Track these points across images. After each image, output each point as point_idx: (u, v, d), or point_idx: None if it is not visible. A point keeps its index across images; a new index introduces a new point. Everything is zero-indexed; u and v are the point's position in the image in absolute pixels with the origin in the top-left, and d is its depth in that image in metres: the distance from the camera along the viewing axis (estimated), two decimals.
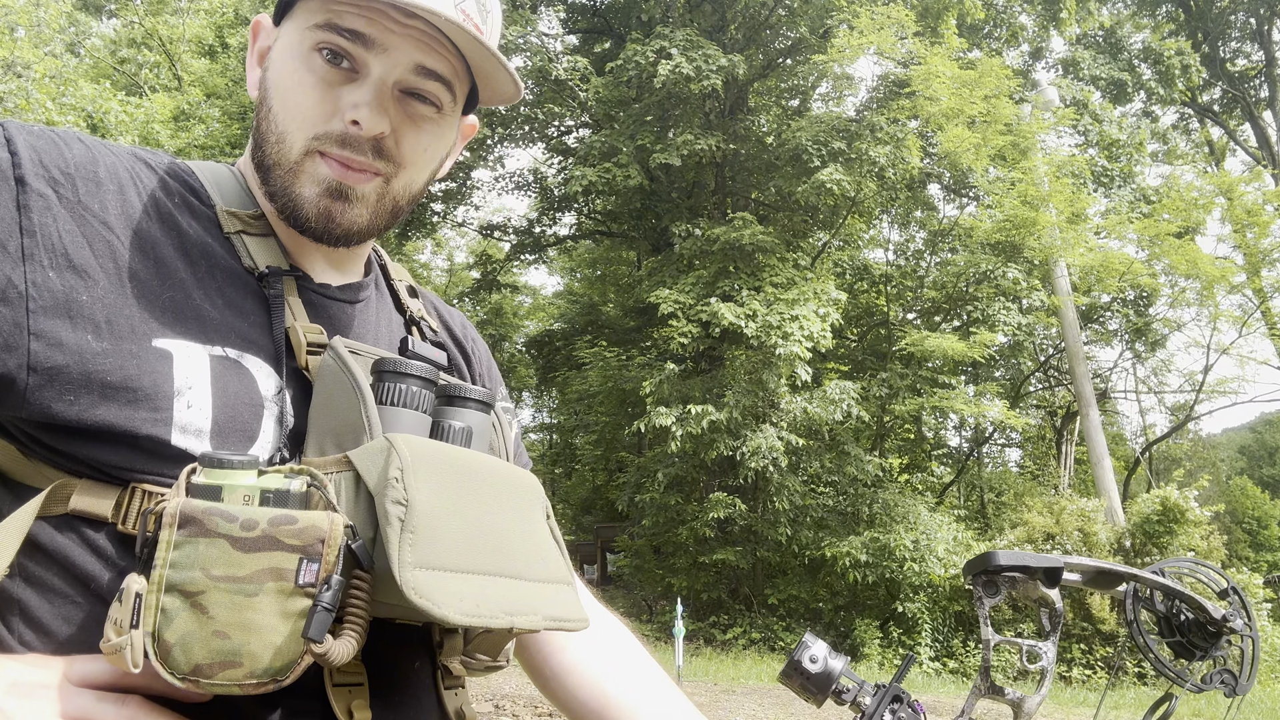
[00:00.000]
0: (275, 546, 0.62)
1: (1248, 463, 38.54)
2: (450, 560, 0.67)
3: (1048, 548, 11.58)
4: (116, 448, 0.69)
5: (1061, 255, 13.87)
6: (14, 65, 13.48)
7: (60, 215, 0.70)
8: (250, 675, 0.61)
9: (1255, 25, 24.39)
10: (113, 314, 0.70)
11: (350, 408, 0.73)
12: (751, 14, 15.32)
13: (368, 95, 0.78)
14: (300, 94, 0.79)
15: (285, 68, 0.80)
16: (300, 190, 0.80)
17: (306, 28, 0.79)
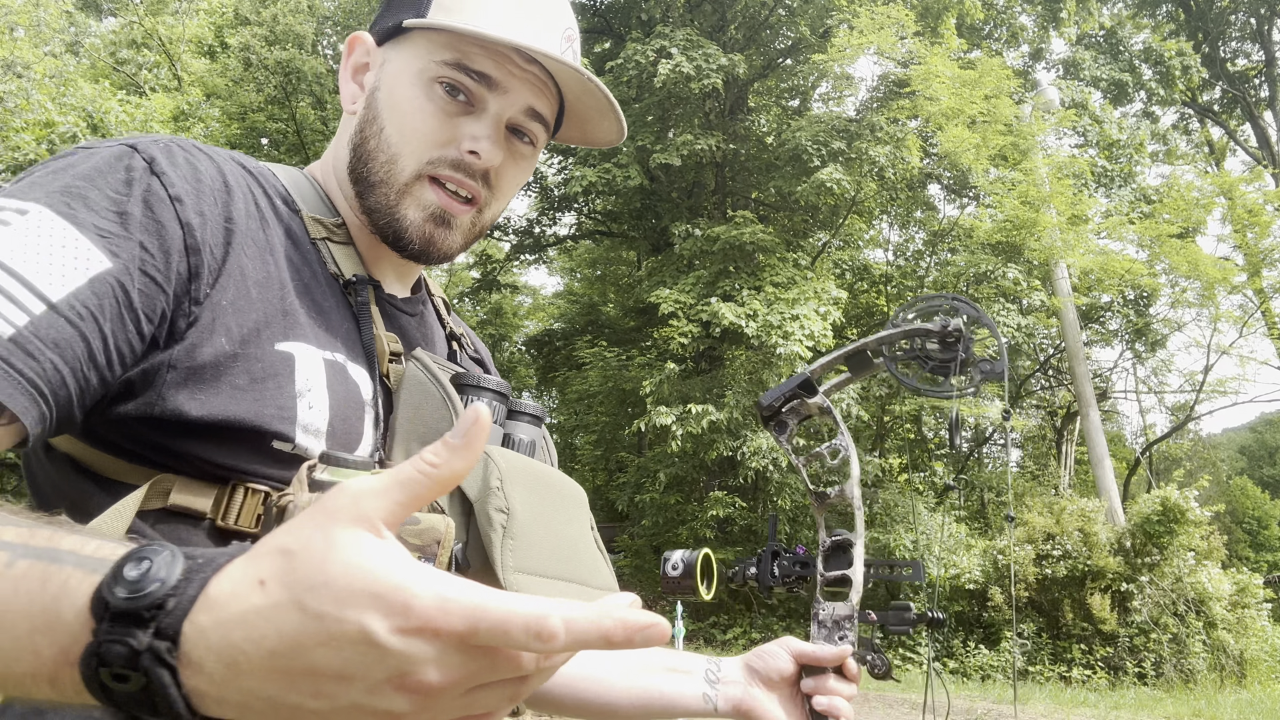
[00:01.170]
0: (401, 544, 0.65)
1: (1248, 463, 38.54)
2: (539, 566, 0.72)
3: (1048, 548, 11.58)
4: (232, 446, 0.71)
5: (1062, 256, 13.87)
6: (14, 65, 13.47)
7: (210, 227, 0.73)
8: None
9: (1255, 25, 24.38)
10: (242, 318, 0.73)
11: (441, 418, 0.79)
12: (751, 14, 15.32)
13: (487, 129, 0.84)
14: (420, 120, 0.83)
15: (404, 93, 0.84)
16: (405, 212, 0.85)
17: (432, 60, 0.83)
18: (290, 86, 19.38)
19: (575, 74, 0.84)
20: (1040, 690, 9.81)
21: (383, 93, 0.86)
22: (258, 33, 19.34)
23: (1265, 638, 11.38)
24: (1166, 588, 11.07)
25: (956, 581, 11.97)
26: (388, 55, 0.87)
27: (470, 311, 24.85)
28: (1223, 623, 10.91)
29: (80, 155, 0.72)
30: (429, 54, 0.84)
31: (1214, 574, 11.15)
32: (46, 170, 0.70)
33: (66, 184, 0.68)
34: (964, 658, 11.46)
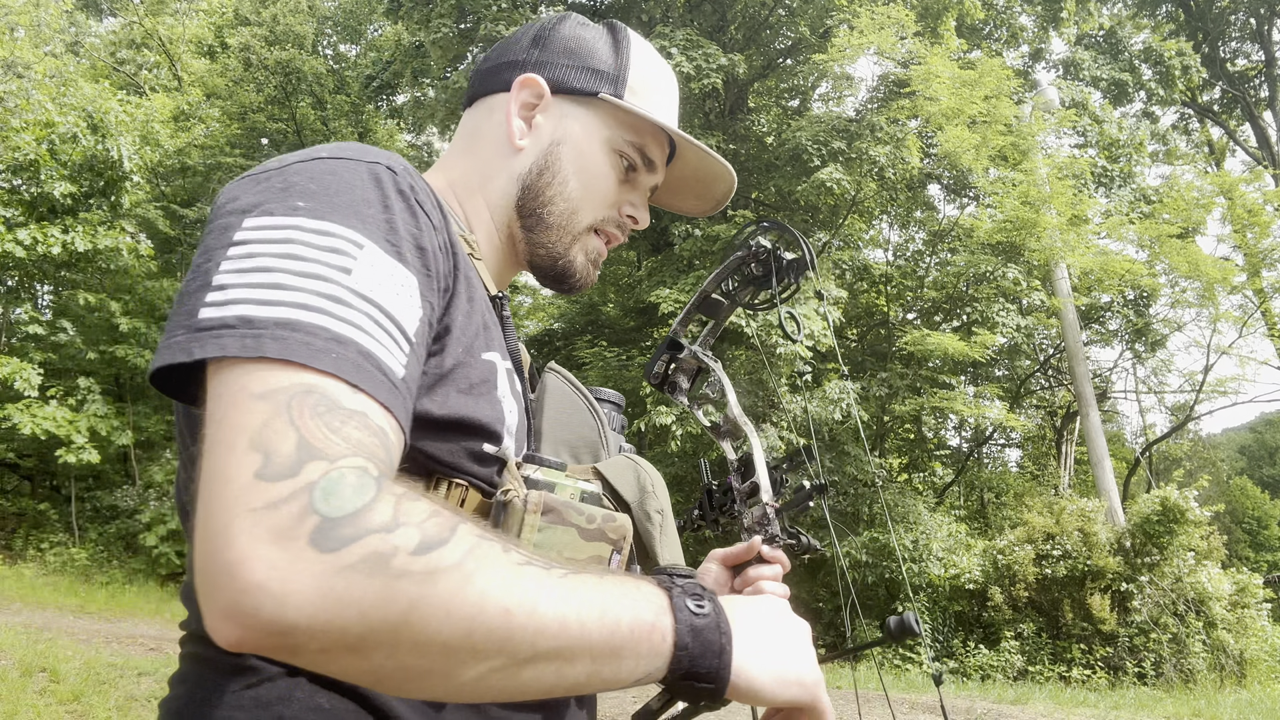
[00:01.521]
0: (601, 538, 0.78)
1: (1248, 463, 38.56)
2: (676, 556, 0.85)
3: (1048, 548, 11.58)
4: (452, 444, 0.77)
5: (1062, 256, 13.87)
6: (14, 65, 13.47)
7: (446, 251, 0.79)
8: None
9: (1255, 25, 24.39)
10: (464, 330, 0.79)
11: (588, 426, 0.92)
12: (751, 14, 15.32)
13: (642, 200, 1.01)
14: (603, 184, 0.97)
15: (592, 154, 0.96)
16: (574, 256, 0.98)
17: (618, 135, 0.96)
18: (290, 86, 19.38)
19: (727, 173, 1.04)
20: (1040, 690, 9.81)
21: (568, 149, 0.96)
22: (258, 33, 19.33)
23: (1265, 638, 11.38)
24: (1166, 588, 11.07)
25: (956, 581, 11.97)
26: (567, 110, 0.96)
27: None
28: (1223, 623, 10.91)
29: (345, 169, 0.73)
30: (616, 128, 0.97)
31: (1214, 574, 11.15)
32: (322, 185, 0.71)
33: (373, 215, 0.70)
34: (964, 658, 11.46)
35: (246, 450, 0.55)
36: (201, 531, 0.54)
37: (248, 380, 0.59)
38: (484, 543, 0.57)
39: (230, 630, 0.52)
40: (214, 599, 0.52)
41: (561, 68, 0.97)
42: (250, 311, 0.62)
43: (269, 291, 0.63)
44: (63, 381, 14.24)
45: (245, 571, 0.51)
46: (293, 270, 0.64)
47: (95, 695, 5.42)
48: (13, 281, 15.61)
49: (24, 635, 7.09)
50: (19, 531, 14.62)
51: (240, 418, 0.57)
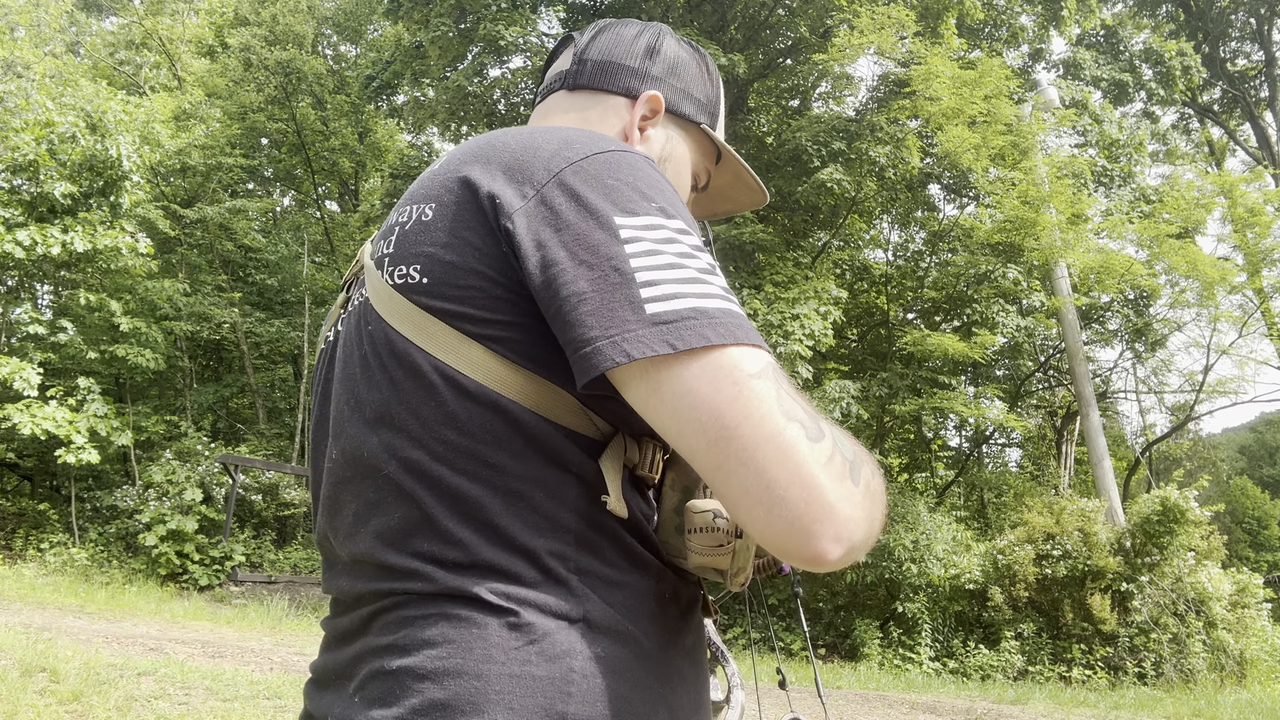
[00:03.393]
0: None
1: (1248, 463, 38.56)
2: None
3: (1048, 548, 11.58)
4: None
5: (1062, 256, 13.86)
6: (14, 65, 13.48)
7: None
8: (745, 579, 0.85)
9: (1255, 25, 24.40)
10: None
11: None
12: (751, 14, 15.32)
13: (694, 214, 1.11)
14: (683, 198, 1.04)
15: (684, 176, 1.06)
16: None
17: (699, 158, 1.07)
18: (290, 86, 19.38)
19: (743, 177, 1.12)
20: (1040, 690, 9.81)
21: (672, 166, 1.04)
22: (258, 33, 19.34)
23: (1265, 638, 11.37)
24: (1166, 588, 11.07)
25: (956, 582, 11.96)
26: (673, 131, 1.05)
27: None
28: (1223, 623, 10.90)
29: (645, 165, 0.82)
30: (699, 155, 1.07)
31: (1214, 574, 11.14)
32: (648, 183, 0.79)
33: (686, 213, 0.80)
34: (964, 658, 11.46)
35: (785, 420, 0.67)
36: (782, 483, 0.65)
37: (738, 364, 0.69)
38: (869, 457, 0.73)
39: (837, 550, 0.66)
40: (821, 532, 0.65)
41: (673, 89, 1.04)
42: (698, 304, 0.71)
43: (696, 285, 0.72)
44: (63, 381, 14.24)
45: (846, 507, 0.66)
46: (695, 268, 0.74)
47: (95, 695, 5.42)
48: (13, 281, 15.62)
49: (24, 635, 7.09)
50: (19, 531, 14.63)
51: (756, 395, 0.68)
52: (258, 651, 8.09)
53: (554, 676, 0.71)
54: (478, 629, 0.72)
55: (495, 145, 0.82)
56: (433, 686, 0.71)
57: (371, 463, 0.79)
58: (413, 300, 0.78)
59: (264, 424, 18.71)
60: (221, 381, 19.22)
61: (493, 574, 0.74)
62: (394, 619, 0.76)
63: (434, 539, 0.75)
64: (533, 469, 0.76)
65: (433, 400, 0.76)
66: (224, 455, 15.14)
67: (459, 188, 0.79)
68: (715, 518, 0.81)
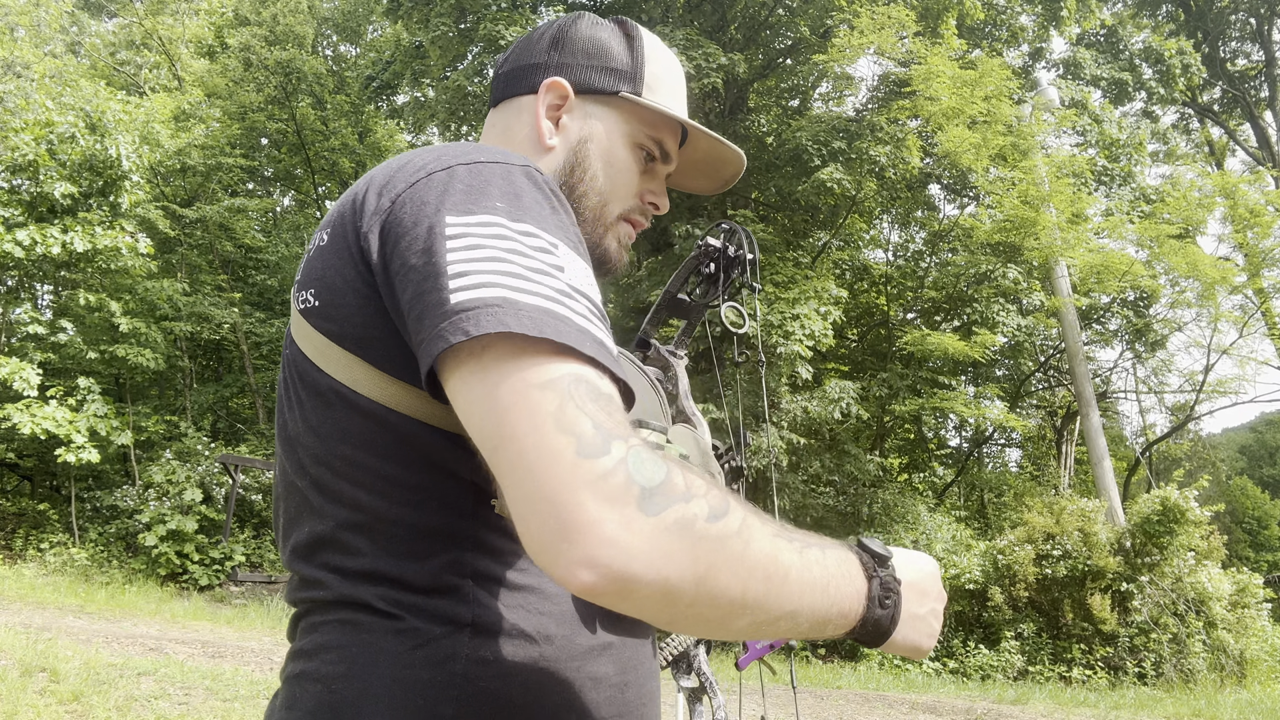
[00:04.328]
0: None
1: (1248, 463, 38.55)
2: None
3: (1048, 548, 11.57)
4: None
5: (1062, 255, 13.86)
6: (14, 65, 13.47)
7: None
8: None
9: (1255, 25, 24.39)
10: None
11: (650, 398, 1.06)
12: (751, 14, 15.32)
13: (661, 187, 1.07)
14: (629, 177, 1.02)
15: (616, 149, 1.01)
16: (609, 243, 1.03)
17: (639, 129, 1.02)
18: (290, 86, 19.38)
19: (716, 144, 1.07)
20: (1040, 690, 9.81)
21: (595, 145, 1.00)
22: (258, 33, 19.33)
23: (1265, 638, 11.37)
24: (1166, 588, 11.06)
25: (956, 582, 11.96)
26: (590, 110, 1.01)
27: None
28: (1223, 623, 10.90)
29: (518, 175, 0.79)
30: (635, 123, 1.02)
31: (1214, 574, 11.14)
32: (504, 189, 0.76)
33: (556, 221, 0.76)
34: (964, 658, 11.46)
35: (557, 431, 0.62)
36: (535, 498, 0.61)
37: (533, 364, 0.65)
38: (750, 515, 0.67)
39: (587, 577, 0.60)
40: (568, 553, 0.60)
41: (582, 69, 1.01)
42: (509, 295, 0.66)
43: (514, 280, 0.68)
44: (63, 381, 14.23)
45: (601, 529, 0.59)
46: (523, 265, 0.69)
47: (95, 695, 5.42)
48: (13, 281, 15.62)
49: (24, 635, 7.09)
50: (19, 531, 14.62)
51: (535, 401, 0.63)
52: (258, 651, 8.09)
53: (436, 680, 0.73)
54: (366, 634, 0.76)
55: (384, 166, 0.84)
56: (324, 690, 0.75)
57: (290, 479, 0.85)
58: (311, 323, 0.81)
59: (264, 424, 18.71)
60: (221, 381, 19.22)
61: (385, 581, 0.76)
62: (304, 626, 0.82)
63: (336, 550, 0.79)
64: (424, 477, 0.77)
65: (330, 418, 0.79)
66: (224, 455, 15.13)
67: (347, 209, 0.81)
68: None
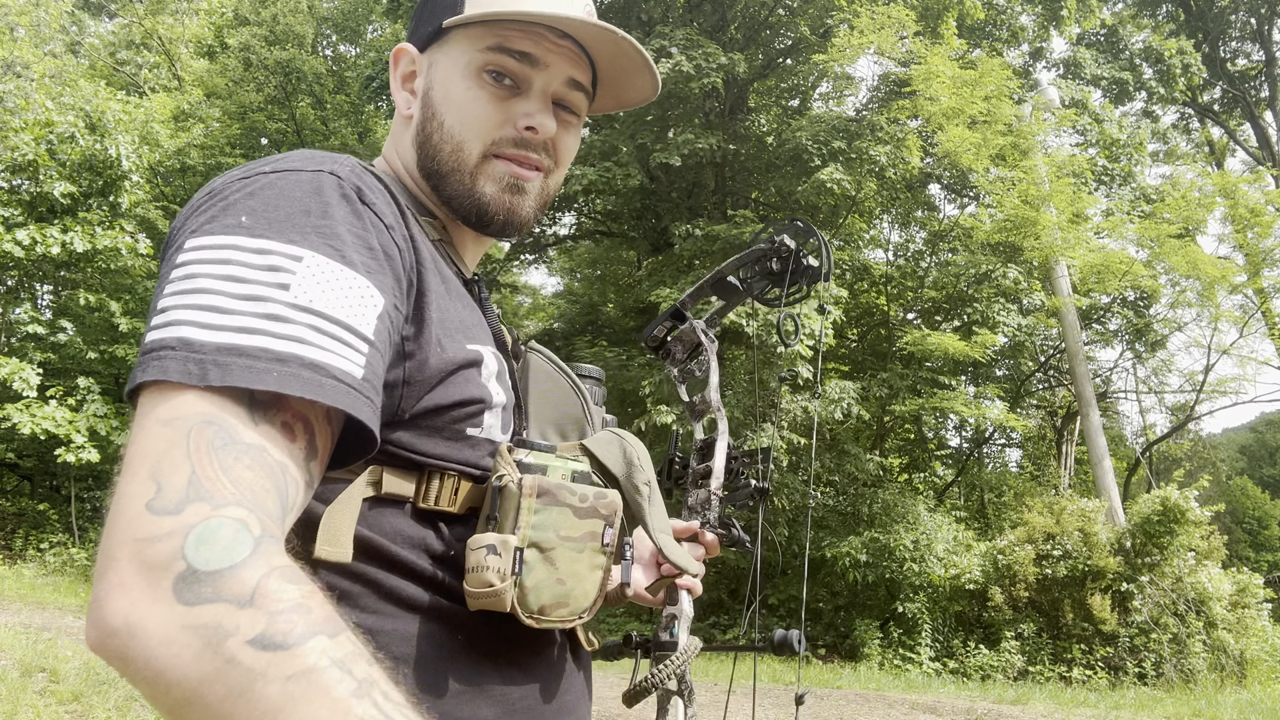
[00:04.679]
0: (595, 515, 0.82)
1: (1248, 463, 38.53)
2: (664, 524, 0.90)
3: (1048, 548, 11.57)
4: (436, 437, 0.80)
5: (1062, 255, 13.86)
6: (14, 65, 13.46)
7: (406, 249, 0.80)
8: (572, 613, 0.81)
9: (1255, 25, 24.38)
10: (443, 328, 0.81)
11: (571, 403, 0.93)
12: (751, 14, 15.32)
13: (538, 105, 0.92)
14: (477, 107, 0.91)
15: (456, 86, 0.91)
16: (483, 188, 0.92)
17: (475, 51, 0.90)
18: (290, 86, 19.37)
19: (608, 37, 0.90)
20: (1040, 690, 9.81)
21: (437, 91, 0.92)
22: (258, 33, 19.32)
23: (1265, 638, 11.37)
24: (1166, 588, 11.06)
25: (956, 582, 11.96)
26: (433, 58, 0.94)
27: None
28: (1223, 623, 10.90)
29: (287, 182, 0.75)
30: (471, 46, 0.91)
31: (1214, 574, 11.14)
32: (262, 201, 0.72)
33: (314, 224, 0.72)
34: (964, 658, 11.46)
35: (146, 479, 0.58)
36: (101, 543, 0.58)
37: (160, 406, 0.61)
38: (326, 671, 0.53)
39: (91, 634, 0.56)
40: (92, 605, 0.56)
41: (418, 25, 0.96)
42: (191, 334, 0.64)
43: (206, 314, 0.65)
44: (62, 381, 14.23)
45: (117, 596, 0.55)
46: (232, 293, 0.66)
47: (95, 695, 5.42)
48: (12, 281, 15.61)
49: (24, 635, 7.08)
50: (19, 531, 14.62)
51: (145, 443, 0.60)
52: None
53: None
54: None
55: None
56: None
57: None
58: None
59: None
60: None
61: None
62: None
63: None
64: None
65: None
66: None
67: None
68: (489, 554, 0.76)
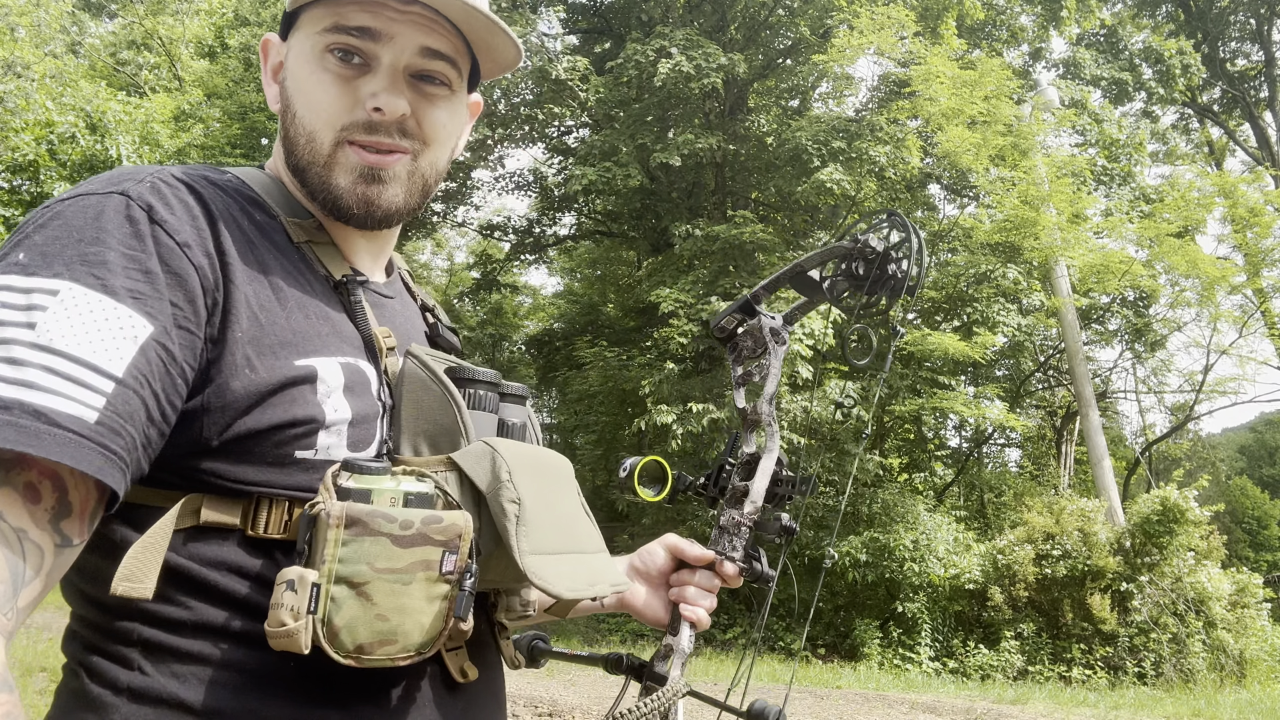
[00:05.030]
0: (426, 542, 0.73)
1: (1248, 463, 38.51)
2: (547, 544, 0.79)
3: (1048, 548, 11.58)
4: (258, 464, 0.76)
5: (1062, 255, 13.86)
6: (14, 65, 13.47)
7: (212, 265, 0.76)
8: (403, 650, 0.73)
9: (1255, 25, 24.37)
10: (258, 346, 0.77)
11: (445, 413, 0.83)
12: (751, 14, 15.32)
13: (383, 82, 0.85)
14: (321, 92, 0.86)
15: (302, 73, 0.87)
16: (337, 181, 0.87)
17: (315, 33, 0.86)
18: None
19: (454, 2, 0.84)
20: (1040, 690, 9.81)
21: (290, 80, 0.89)
22: (258, 33, 19.33)
23: (1265, 638, 11.37)
24: (1166, 587, 11.06)
25: (956, 581, 11.96)
26: (290, 46, 0.90)
27: (470, 311, 24.82)
28: (1222, 623, 10.90)
29: (74, 209, 0.73)
30: (314, 28, 0.86)
31: (1214, 574, 11.14)
32: (47, 233, 0.71)
33: (81, 252, 0.69)
34: (964, 658, 11.46)
35: None
36: None
37: None
38: None
39: None
40: None
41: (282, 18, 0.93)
42: None
43: None
44: None
45: None
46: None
47: None
48: None
49: (24, 635, 7.09)
50: None
51: None
52: None
53: None
54: (66, 693, 0.77)
55: None
56: None
57: None
58: None
59: None
60: None
61: (79, 644, 0.77)
62: None
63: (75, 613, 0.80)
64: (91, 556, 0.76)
65: None
66: None
67: None
68: (286, 590, 0.70)
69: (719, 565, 1.10)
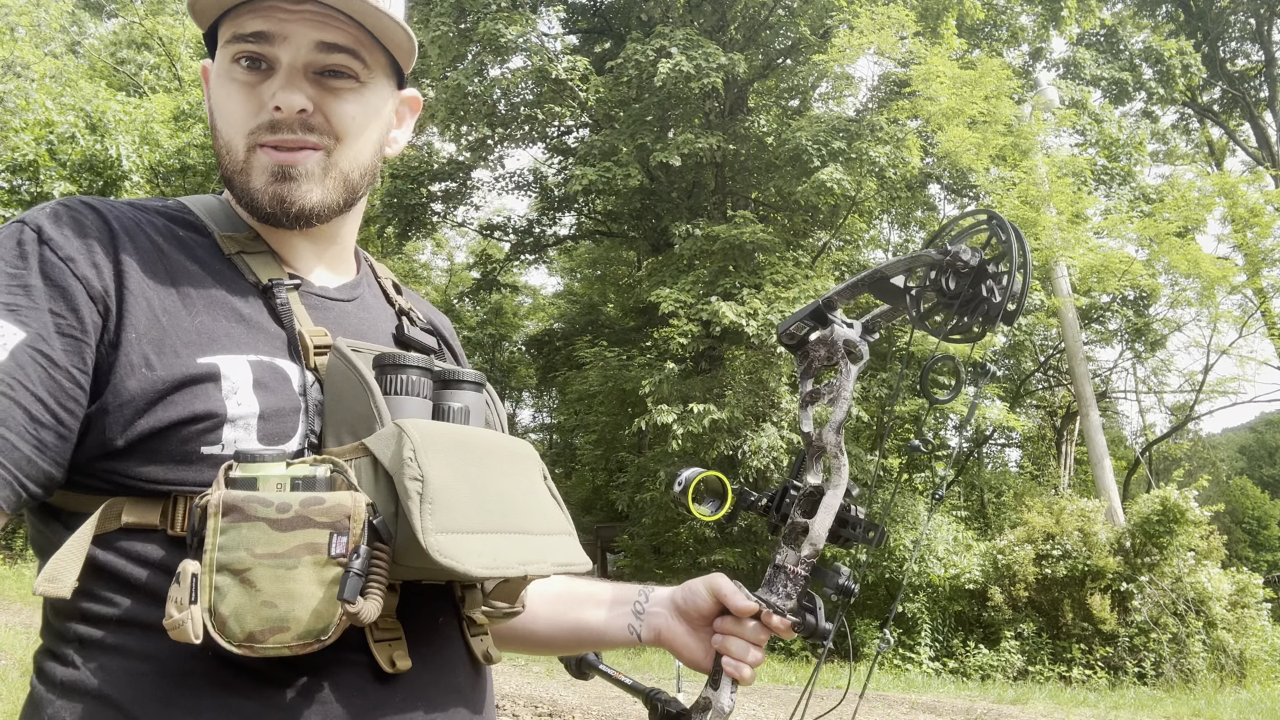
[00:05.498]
0: (308, 525, 0.73)
1: (1248, 463, 38.51)
2: (465, 523, 0.77)
3: (1048, 548, 11.58)
4: (167, 462, 0.79)
5: (1062, 255, 13.87)
6: (14, 65, 13.47)
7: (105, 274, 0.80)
8: (297, 638, 0.72)
9: (1255, 25, 24.38)
10: (158, 345, 0.79)
11: (360, 401, 0.83)
12: (751, 14, 15.32)
13: (280, 81, 0.87)
14: (231, 102, 0.89)
15: (216, 87, 0.91)
16: (253, 184, 0.89)
17: (222, 46, 0.89)
18: None
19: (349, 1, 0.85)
20: (1040, 690, 9.81)
21: (211, 98, 0.92)
22: None
23: (1265, 638, 11.37)
24: (1166, 587, 11.06)
25: (956, 582, 11.96)
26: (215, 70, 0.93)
27: (470, 311, 24.81)
28: (1222, 622, 10.90)
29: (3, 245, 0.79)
30: (222, 43, 0.89)
31: (1214, 574, 11.14)
32: None
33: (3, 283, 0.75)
34: (964, 658, 11.46)
35: None
36: None
37: None
38: None
39: None
40: None
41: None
42: None
43: None
44: None
45: None
46: None
47: None
48: None
49: (24, 635, 7.09)
50: (19, 531, 14.62)
51: None
52: None
53: None
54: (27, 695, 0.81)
55: None
56: None
57: None
58: None
59: None
60: None
61: (41, 644, 0.82)
62: None
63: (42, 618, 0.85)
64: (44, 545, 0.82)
65: None
66: None
67: None
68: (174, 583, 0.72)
69: (765, 619, 0.99)
